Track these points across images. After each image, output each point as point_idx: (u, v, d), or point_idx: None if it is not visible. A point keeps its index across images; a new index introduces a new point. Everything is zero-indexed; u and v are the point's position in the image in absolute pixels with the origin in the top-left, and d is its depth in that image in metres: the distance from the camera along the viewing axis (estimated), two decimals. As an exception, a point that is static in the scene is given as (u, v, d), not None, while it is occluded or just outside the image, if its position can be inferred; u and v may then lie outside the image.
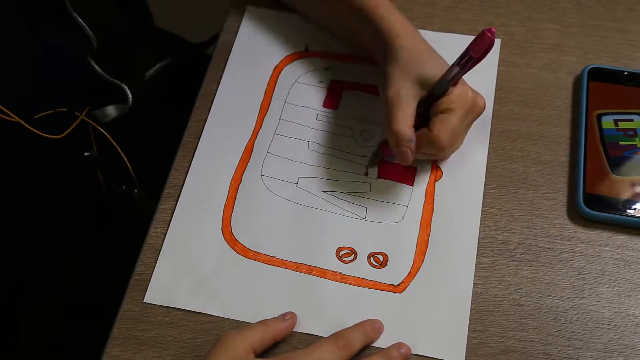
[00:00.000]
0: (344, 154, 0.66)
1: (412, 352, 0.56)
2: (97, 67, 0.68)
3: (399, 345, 0.56)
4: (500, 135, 0.67)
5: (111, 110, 0.71)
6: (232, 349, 0.53)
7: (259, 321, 0.57)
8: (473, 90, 0.61)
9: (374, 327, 0.57)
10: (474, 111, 0.61)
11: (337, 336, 0.56)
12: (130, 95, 0.70)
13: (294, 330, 0.57)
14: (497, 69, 0.70)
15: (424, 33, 0.65)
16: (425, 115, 0.61)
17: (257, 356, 0.54)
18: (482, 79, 0.69)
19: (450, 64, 0.60)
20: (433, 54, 0.63)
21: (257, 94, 0.69)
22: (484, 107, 0.62)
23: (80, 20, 0.64)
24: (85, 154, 0.68)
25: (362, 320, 0.57)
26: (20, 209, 0.66)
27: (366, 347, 0.57)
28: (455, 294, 0.59)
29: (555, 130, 0.67)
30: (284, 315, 0.57)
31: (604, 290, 0.59)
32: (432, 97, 0.60)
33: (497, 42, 0.72)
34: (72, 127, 0.66)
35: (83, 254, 0.72)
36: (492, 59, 0.71)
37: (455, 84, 0.60)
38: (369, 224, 0.62)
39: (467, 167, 0.65)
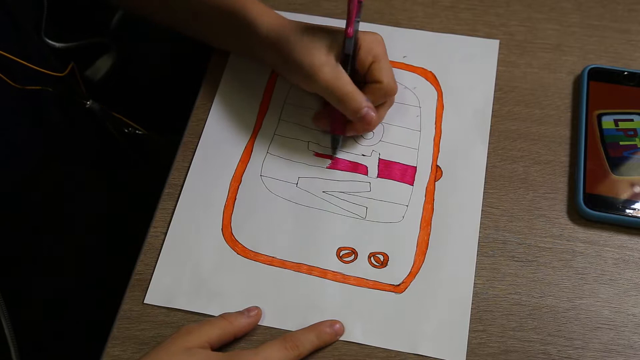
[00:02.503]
0: (343, 153, 0.66)
1: (413, 352, 0.56)
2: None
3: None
4: (500, 135, 0.67)
5: (102, 64, 0.71)
6: (186, 341, 0.53)
7: (222, 315, 0.57)
8: (368, 31, 0.63)
9: (332, 329, 0.57)
10: (384, 45, 0.63)
11: (286, 337, 0.56)
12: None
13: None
14: (497, 69, 0.70)
15: (423, 33, 0.66)
16: (353, 78, 0.62)
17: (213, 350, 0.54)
18: (481, 78, 0.70)
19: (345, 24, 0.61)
20: (310, 24, 0.64)
21: (257, 95, 0.69)
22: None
23: None
24: (87, 104, 0.67)
25: (361, 320, 0.57)
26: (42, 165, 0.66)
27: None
28: (455, 293, 0.59)
29: (556, 130, 0.67)
30: (248, 310, 0.57)
31: (604, 290, 0.59)
32: (349, 54, 0.61)
33: (496, 42, 0.72)
34: (67, 71, 0.66)
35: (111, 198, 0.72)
36: (491, 58, 0.71)
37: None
38: (369, 224, 0.62)
39: (467, 167, 0.65)
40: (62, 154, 0.67)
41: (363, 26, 0.67)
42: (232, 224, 0.62)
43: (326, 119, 0.65)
